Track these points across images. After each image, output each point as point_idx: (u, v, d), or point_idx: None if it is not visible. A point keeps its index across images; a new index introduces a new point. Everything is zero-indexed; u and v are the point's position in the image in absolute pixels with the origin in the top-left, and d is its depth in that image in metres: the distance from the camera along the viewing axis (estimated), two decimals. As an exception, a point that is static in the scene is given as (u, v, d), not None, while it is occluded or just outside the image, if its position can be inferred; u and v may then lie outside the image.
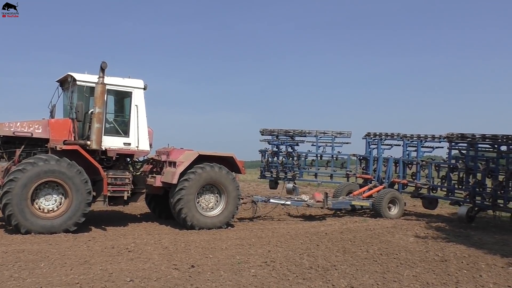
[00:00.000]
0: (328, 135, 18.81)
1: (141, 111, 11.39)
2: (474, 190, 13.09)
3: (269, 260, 8.10)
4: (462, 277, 7.36)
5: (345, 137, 18.70)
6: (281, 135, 19.55)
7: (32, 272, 6.79)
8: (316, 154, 18.73)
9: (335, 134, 18.69)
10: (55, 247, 8.57)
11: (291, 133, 19.32)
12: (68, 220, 10.01)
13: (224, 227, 11.64)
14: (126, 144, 11.21)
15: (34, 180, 9.71)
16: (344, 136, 18.70)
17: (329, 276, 7.13)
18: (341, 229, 11.90)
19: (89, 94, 10.92)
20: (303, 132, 19.21)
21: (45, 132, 10.62)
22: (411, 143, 17.00)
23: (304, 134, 19.19)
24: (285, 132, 19.47)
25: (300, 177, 19.12)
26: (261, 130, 19.80)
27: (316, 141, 18.97)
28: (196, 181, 11.27)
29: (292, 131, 19.40)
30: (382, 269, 7.73)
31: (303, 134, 19.19)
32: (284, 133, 19.51)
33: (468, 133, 13.25)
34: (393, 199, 14.53)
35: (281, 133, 19.54)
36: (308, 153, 19.08)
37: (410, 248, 9.60)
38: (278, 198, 14.29)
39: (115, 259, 7.80)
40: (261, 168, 20.15)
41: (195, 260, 7.90)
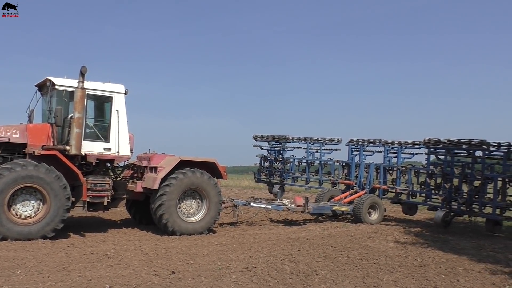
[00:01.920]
0: (319, 142, 19.35)
1: (122, 116, 11.30)
2: (450, 195, 13.32)
3: (250, 265, 8.09)
4: (440, 281, 7.47)
5: (335, 143, 19.11)
6: (271, 141, 20.21)
7: (7, 280, 6.65)
8: (307, 161, 19.22)
9: (325, 141, 19.17)
10: (32, 253, 8.41)
11: (279, 139, 20.01)
12: (46, 226, 9.84)
13: (205, 232, 11.59)
14: (106, 149, 11.10)
15: (11, 185, 9.52)
16: (334, 143, 19.12)
17: (310, 281, 7.16)
18: (322, 235, 11.97)
19: (69, 99, 10.80)
20: (289, 139, 19.78)
21: (23, 137, 10.43)
22: (392, 149, 17.31)
23: (290, 140, 19.71)
24: (273, 138, 20.03)
25: (286, 182, 19.78)
26: (254, 136, 20.62)
27: (307, 147, 19.49)
28: (178, 186, 11.21)
29: (278, 137, 19.96)
30: (362, 274, 7.79)
31: (288, 140, 19.69)
32: (271, 139, 20.08)
33: (445, 139, 13.48)
34: (373, 205, 14.69)
35: (269, 138, 20.13)
36: (294, 159, 19.61)
37: (389, 253, 9.70)
38: (259, 202, 14.38)
39: (94, 266, 7.70)
40: (254, 172, 21.30)
41: (176, 266, 7.84)
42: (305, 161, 19.81)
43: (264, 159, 20.92)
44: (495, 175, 12.55)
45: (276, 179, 19.99)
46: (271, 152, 20.77)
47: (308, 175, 19.40)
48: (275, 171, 20.23)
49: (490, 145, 12.58)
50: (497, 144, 12.61)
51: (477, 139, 12.73)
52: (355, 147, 18.04)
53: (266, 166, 20.79)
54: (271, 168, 20.45)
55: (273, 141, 20.50)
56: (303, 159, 19.84)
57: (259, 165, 21.18)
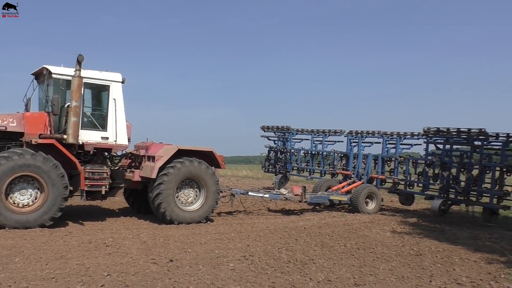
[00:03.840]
0: (321, 133, 19.60)
1: (119, 105, 11.26)
2: (447, 184, 13.36)
3: (248, 254, 8.12)
4: (436, 270, 7.52)
5: (338, 135, 19.25)
6: (275, 131, 20.92)
7: (5, 267, 6.66)
8: (311, 152, 19.43)
9: (330, 132, 19.37)
10: (30, 242, 8.43)
11: (282, 130, 20.53)
12: (43, 215, 9.85)
13: (203, 221, 11.62)
14: (104, 138, 11.08)
15: (8, 174, 9.52)
16: (338, 135, 19.26)
17: (307, 270, 7.19)
18: (319, 224, 12.01)
19: (65, 88, 10.74)
20: (290, 129, 20.19)
21: (20, 126, 10.39)
22: (390, 140, 17.39)
23: (293, 131, 20.12)
24: (277, 128, 20.50)
25: (292, 173, 20.37)
26: (261, 126, 21.18)
27: (311, 139, 19.70)
28: (175, 175, 11.21)
29: (281, 127, 20.63)
30: (359, 263, 7.83)
31: (290, 130, 20.09)
32: (276, 129, 20.55)
33: (444, 128, 13.49)
34: (370, 194, 14.73)
35: (273, 129, 20.90)
36: (300, 150, 19.97)
37: (386, 242, 9.75)
38: (257, 191, 14.44)
39: (92, 254, 7.72)
40: (262, 162, 22.00)
41: (173, 255, 7.87)
42: (309, 152, 20.09)
43: (272, 149, 21.45)
44: (493, 164, 12.60)
45: (283, 169, 20.52)
46: (277, 143, 21.24)
47: (312, 166, 19.60)
48: (279, 161, 20.75)
49: (489, 135, 12.61)
50: (495, 134, 12.65)
51: (476, 128, 12.73)
52: (354, 138, 18.21)
53: (274, 156, 21.36)
54: (275, 158, 21.02)
55: (277, 131, 20.96)
56: (308, 150, 20.15)
57: (266, 155, 21.69)
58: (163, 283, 6.23)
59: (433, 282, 6.80)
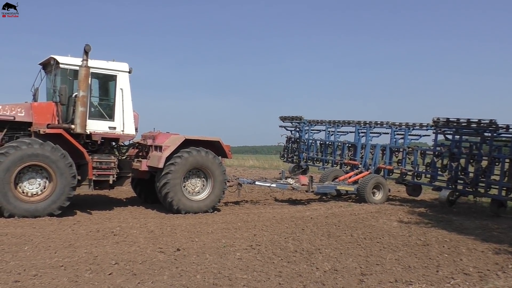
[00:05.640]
0: (333, 124, 19.78)
1: (126, 95, 11.28)
2: (456, 174, 13.28)
3: (254, 243, 8.16)
4: (443, 261, 7.50)
5: (352, 126, 19.31)
6: (290, 121, 21.50)
7: (15, 255, 6.75)
8: (325, 142, 19.51)
9: (344, 123, 19.53)
10: (39, 230, 8.52)
11: (293, 119, 21.12)
12: (52, 204, 9.94)
13: (210, 211, 11.67)
14: (111, 128, 11.12)
15: (17, 163, 9.60)
16: (352, 125, 19.32)
17: (314, 259, 7.21)
18: (326, 214, 12.02)
19: (73, 77, 10.76)
20: (304, 120, 20.69)
21: (28, 116, 10.45)
22: (398, 131, 17.35)
23: (305, 121, 20.68)
24: (291, 118, 21.30)
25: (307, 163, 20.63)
26: (280, 117, 21.86)
27: (326, 129, 20.24)
28: (183, 165, 11.25)
29: (294, 117, 21.09)
30: (365, 252, 7.84)
31: (304, 121, 20.66)
32: (291, 119, 21.37)
33: (454, 118, 13.37)
34: (377, 185, 14.69)
35: (288, 119, 21.48)
36: (315, 140, 20.30)
37: (393, 232, 9.74)
38: (264, 180, 14.46)
39: (100, 243, 7.79)
40: (280, 152, 22.82)
41: (180, 244, 7.92)
42: (323, 143, 20.17)
43: (289, 139, 21.88)
44: (503, 156, 12.50)
45: (296, 159, 20.98)
46: (294, 133, 21.63)
47: (325, 156, 19.64)
48: (294, 151, 21.26)
49: (499, 126, 12.49)
50: (506, 126, 12.53)
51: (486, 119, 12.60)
52: (362, 128, 18.19)
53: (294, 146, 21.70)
54: (292, 148, 21.56)
55: (293, 122, 21.38)
56: (322, 140, 20.26)
57: (283, 145, 22.18)
58: (170, 271, 6.28)
59: (440, 272, 6.78)
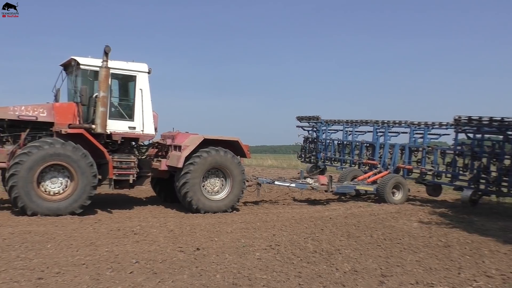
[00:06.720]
0: (350, 123, 19.74)
1: (146, 95, 11.38)
2: (478, 174, 13.05)
3: (273, 243, 8.15)
4: (465, 262, 7.39)
5: (370, 125, 19.22)
6: (307, 121, 21.65)
7: (38, 253, 6.87)
8: (343, 142, 19.45)
9: (362, 123, 19.48)
10: (61, 229, 8.66)
11: (310, 119, 21.27)
12: (74, 202, 10.10)
13: (229, 210, 11.70)
14: (131, 128, 11.23)
15: (39, 163, 9.77)
16: (369, 125, 19.22)
17: (333, 260, 7.17)
18: (345, 214, 11.94)
19: (93, 78, 10.91)
20: (321, 120, 20.82)
21: (50, 116, 10.62)
22: (418, 130, 17.15)
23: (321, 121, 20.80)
24: (308, 118, 21.42)
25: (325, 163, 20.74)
26: (297, 117, 22.01)
27: (343, 129, 20.31)
28: (202, 165, 11.30)
29: (310, 117, 21.23)
30: (385, 253, 7.76)
31: (321, 121, 20.80)
32: (308, 119, 21.50)
33: (475, 116, 13.13)
34: (397, 185, 14.54)
35: (305, 119, 21.61)
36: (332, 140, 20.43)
37: (413, 233, 9.63)
38: (283, 180, 14.43)
39: (121, 241, 7.88)
40: (297, 152, 22.98)
41: (200, 243, 7.96)
42: (341, 143, 20.10)
43: (307, 139, 21.92)
44: None
45: (314, 159, 21.06)
46: (311, 133, 21.69)
47: (343, 156, 19.56)
48: (311, 151, 21.30)
49: None
50: None
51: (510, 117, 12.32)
52: (380, 127, 18.04)
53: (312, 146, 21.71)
54: (309, 148, 21.59)
55: (310, 122, 21.43)
56: (339, 140, 20.19)
57: (301, 145, 22.26)
58: (190, 271, 6.32)
59: (462, 274, 6.68)
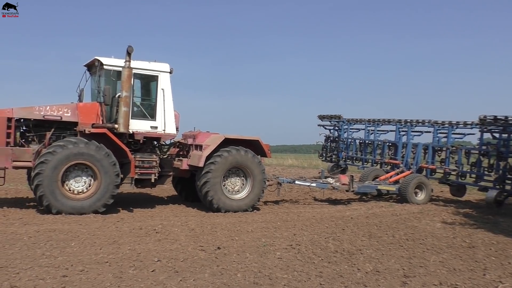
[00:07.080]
0: (373, 123, 19.58)
1: (168, 95, 11.48)
2: (504, 174, 12.78)
3: (294, 243, 8.13)
4: (490, 263, 7.24)
5: (392, 124, 19.03)
6: (329, 119, 21.40)
7: (63, 251, 7.00)
8: (364, 141, 19.29)
9: (384, 122, 19.28)
10: (85, 227, 8.80)
11: (332, 118, 21.06)
12: (97, 201, 10.25)
13: (249, 210, 11.72)
14: (153, 128, 11.34)
15: (64, 162, 9.95)
16: (392, 124, 19.05)
17: (355, 260, 7.12)
18: (366, 214, 11.83)
19: (116, 78, 11.05)
20: (343, 119, 20.63)
21: (74, 116, 10.81)
22: (441, 130, 16.84)
23: (343, 120, 20.60)
24: (330, 117, 21.18)
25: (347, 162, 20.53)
26: (318, 115, 21.80)
27: (365, 128, 20.05)
28: (222, 164, 11.34)
29: (332, 116, 21.00)
30: (408, 254, 7.66)
31: (343, 120, 20.62)
32: (329, 118, 21.25)
33: (501, 116, 12.86)
34: (419, 185, 14.33)
35: (328, 118, 21.37)
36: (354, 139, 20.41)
37: (437, 234, 9.48)
38: (304, 180, 14.37)
39: (143, 240, 7.97)
40: (318, 151, 22.78)
41: (221, 242, 7.99)
42: (362, 142, 19.94)
43: (328, 138, 21.80)
44: None
45: (335, 158, 20.91)
46: (332, 132, 21.57)
47: (365, 155, 19.39)
48: (332, 150, 21.19)
49: None
50: None
51: None
52: (403, 127, 17.81)
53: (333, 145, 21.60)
54: (331, 147, 21.47)
55: (332, 120, 21.25)
56: (361, 139, 20.02)
57: (322, 144, 22.10)
58: (211, 270, 6.35)
59: (487, 275, 6.55)
